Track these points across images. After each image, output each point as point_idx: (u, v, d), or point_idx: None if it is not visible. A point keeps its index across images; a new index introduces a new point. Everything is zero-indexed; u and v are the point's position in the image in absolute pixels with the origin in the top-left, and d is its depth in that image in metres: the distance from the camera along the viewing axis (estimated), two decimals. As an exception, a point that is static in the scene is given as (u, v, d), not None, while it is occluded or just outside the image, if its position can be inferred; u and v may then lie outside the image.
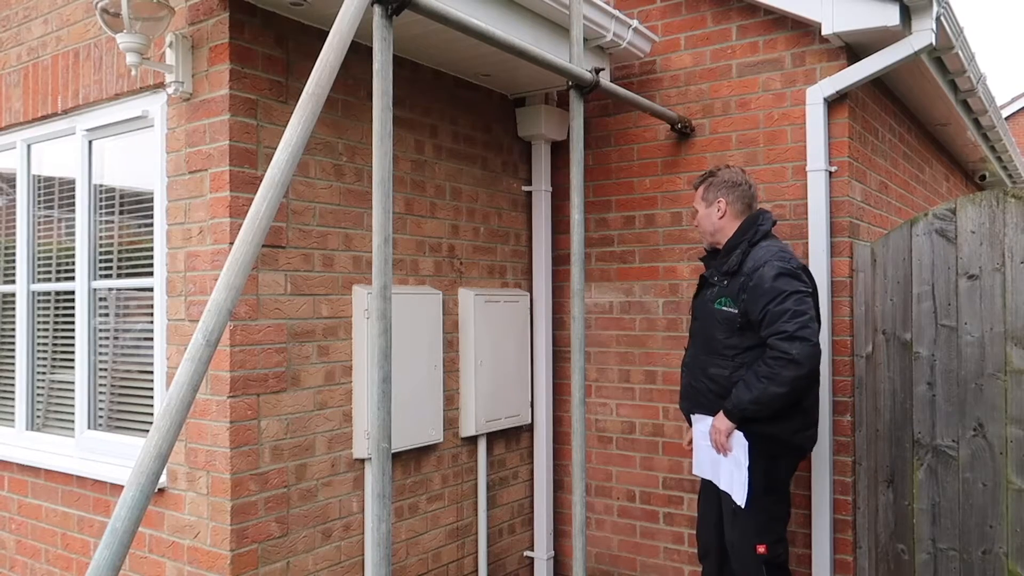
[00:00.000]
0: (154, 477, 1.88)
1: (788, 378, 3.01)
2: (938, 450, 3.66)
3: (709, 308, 3.30)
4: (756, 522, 3.22)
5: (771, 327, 3.06)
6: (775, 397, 3.05)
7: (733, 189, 3.34)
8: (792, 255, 3.25)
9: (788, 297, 3.06)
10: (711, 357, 3.29)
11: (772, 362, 3.04)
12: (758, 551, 3.21)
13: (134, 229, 3.55)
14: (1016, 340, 3.46)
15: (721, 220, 3.35)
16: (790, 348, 3.00)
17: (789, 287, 3.08)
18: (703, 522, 3.53)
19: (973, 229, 3.56)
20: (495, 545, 4.35)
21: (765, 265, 3.13)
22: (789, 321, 3.02)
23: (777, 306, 3.05)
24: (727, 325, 3.22)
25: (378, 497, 2.28)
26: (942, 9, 3.66)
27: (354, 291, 3.52)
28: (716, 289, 3.30)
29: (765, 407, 3.09)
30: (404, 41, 3.50)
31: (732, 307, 3.20)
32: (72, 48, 3.67)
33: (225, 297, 1.99)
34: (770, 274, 3.10)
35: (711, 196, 3.37)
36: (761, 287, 3.10)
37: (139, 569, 3.35)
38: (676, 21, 4.35)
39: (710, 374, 3.29)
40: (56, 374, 3.95)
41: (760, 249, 3.22)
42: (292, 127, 2.11)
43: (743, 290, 3.16)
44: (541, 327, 4.54)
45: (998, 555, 3.51)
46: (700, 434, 3.37)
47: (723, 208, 3.34)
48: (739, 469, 3.18)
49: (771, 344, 3.05)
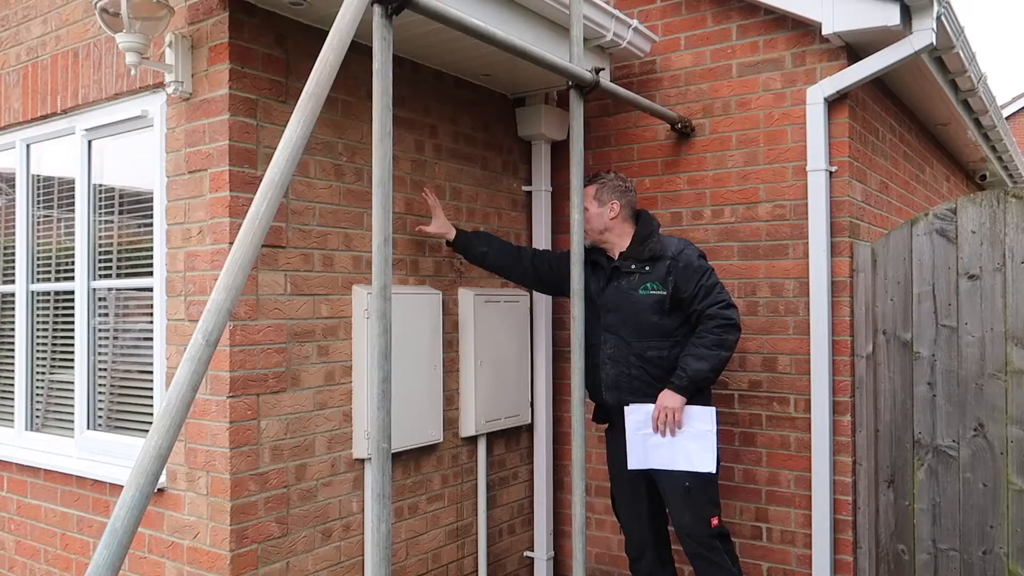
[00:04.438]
0: (154, 477, 1.88)
1: (732, 341, 3.37)
2: (939, 450, 3.66)
3: (633, 296, 3.51)
4: (709, 493, 3.46)
5: (708, 298, 3.39)
6: (724, 361, 3.38)
7: (625, 194, 3.64)
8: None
9: (712, 273, 3.47)
10: (646, 341, 3.48)
11: (718, 330, 3.34)
12: (713, 525, 3.43)
13: (134, 229, 3.55)
14: (1017, 340, 3.46)
15: (612, 220, 3.61)
16: (731, 314, 3.37)
17: (709, 265, 3.52)
18: (636, 521, 3.67)
19: (974, 229, 3.56)
20: (495, 545, 4.35)
21: (686, 247, 3.51)
22: (722, 292, 3.42)
23: (708, 280, 3.42)
24: (658, 307, 3.46)
25: (378, 497, 2.27)
26: (943, 9, 3.66)
27: (354, 291, 3.51)
28: (636, 276, 3.52)
29: (717, 373, 3.41)
30: (404, 41, 3.49)
31: (660, 290, 3.46)
32: (71, 48, 3.67)
33: (225, 297, 1.99)
34: (694, 255, 3.49)
35: (605, 198, 3.61)
36: (691, 266, 3.44)
37: (139, 569, 3.35)
38: (676, 21, 4.34)
39: (647, 357, 3.47)
40: (56, 374, 3.94)
41: (667, 238, 3.59)
42: (292, 127, 2.10)
43: (670, 272, 3.44)
44: (541, 327, 4.54)
45: (998, 555, 3.50)
46: (635, 424, 3.47)
47: (616, 210, 3.60)
48: (703, 438, 3.38)
49: (712, 314, 3.36)
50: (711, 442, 3.37)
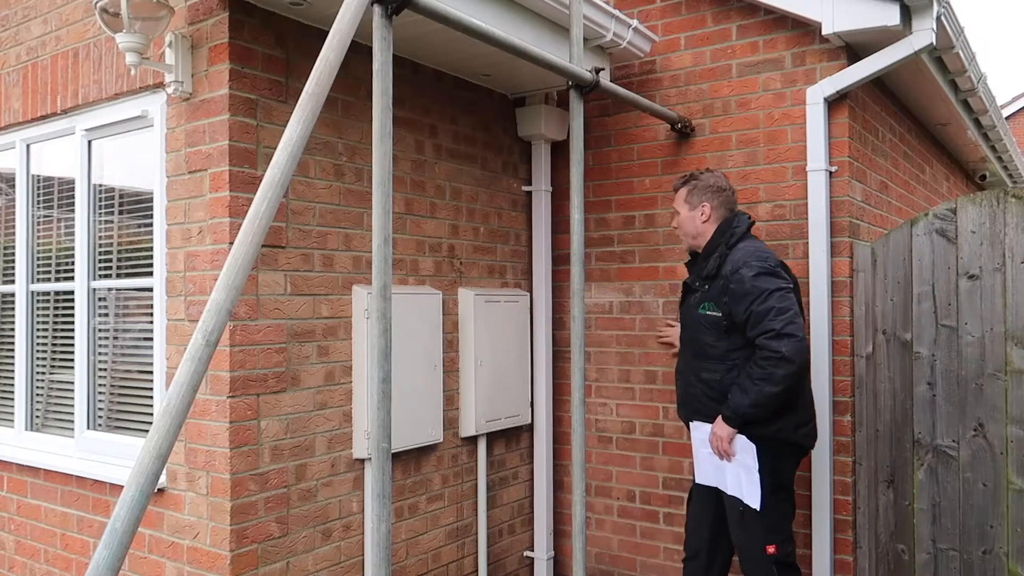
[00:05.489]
0: (154, 477, 1.88)
1: (781, 376, 3.03)
2: (938, 450, 3.66)
3: (695, 314, 3.34)
4: (765, 523, 3.22)
5: (758, 327, 3.07)
6: (771, 397, 3.07)
7: (718, 194, 3.37)
8: (769, 253, 3.27)
9: (770, 295, 3.08)
10: (702, 362, 3.32)
11: (764, 362, 3.05)
12: (768, 552, 3.22)
13: (134, 229, 3.55)
14: (1016, 340, 3.46)
15: (705, 224, 3.37)
16: (780, 346, 3.02)
17: (770, 285, 3.10)
18: (696, 522, 3.53)
19: (973, 229, 3.56)
20: (495, 545, 4.35)
21: (744, 266, 3.16)
22: (775, 319, 3.04)
23: (760, 305, 3.08)
24: (714, 329, 3.25)
25: (378, 497, 2.27)
26: (942, 9, 3.65)
27: (354, 291, 3.51)
28: (699, 294, 3.34)
29: (763, 408, 3.10)
30: (404, 41, 3.49)
31: (715, 311, 3.23)
32: (71, 48, 3.67)
33: (225, 297, 1.99)
34: (749, 275, 3.12)
35: (695, 200, 3.39)
36: (742, 288, 3.12)
37: (139, 569, 3.35)
38: (676, 21, 4.34)
39: (703, 379, 3.32)
40: (56, 374, 3.94)
41: (737, 251, 3.24)
42: (292, 127, 2.10)
43: (724, 293, 3.19)
44: (541, 327, 4.54)
45: (998, 555, 3.50)
46: (700, 441, 3.38)
47: (707, 212, 3.36)
48: (749, 473, 3.18)
49: (760, 344, 3.06)
50: (756, 479, 3.16)
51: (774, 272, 3.16)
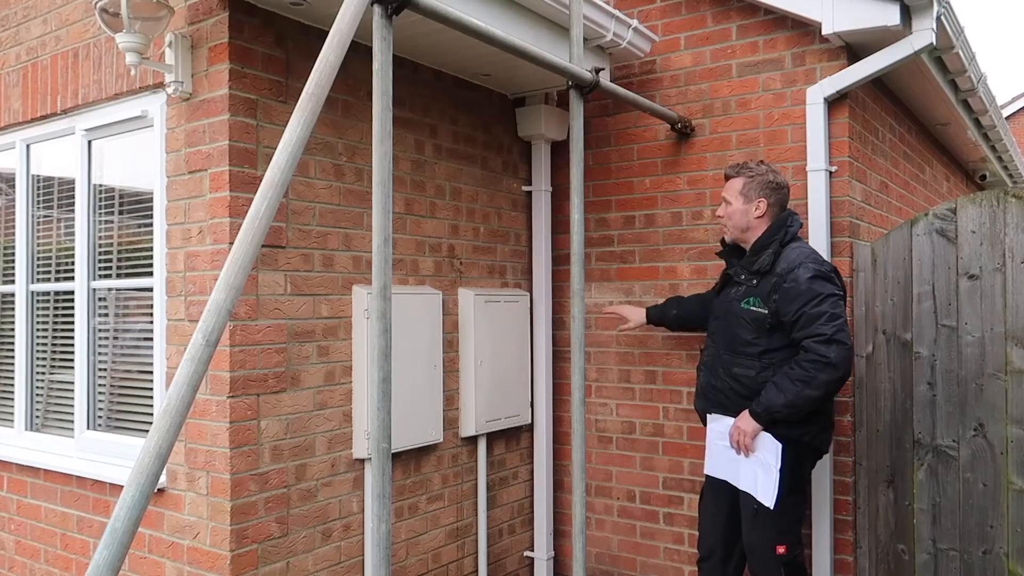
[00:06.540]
0: (154, 477, 1.87)
1: (823, 381, 3.00)
2: (938, 450, 3.66)
3: (735, 307, 3.28)
4: (778, 524, 3.21)
5: (807, 329, 3.04)
6: (809, 400, 3.04)
7: (776, 191, 3.32)
8: (823, 258, 3.25)
9: (824, 300, 3.05)
10: (736, 357, 3.27)
11: (808, 365, 3.01)
12: (778, 552, 3.21)
13: (134, 229, 3.55)
14: (1017, 340, 3.46)
15: (758, 220, 3.31)
16: (828, 351, 2.99)
17: (825, 290, 3.07)
18: (711, 522, 3.51)
19: (974, 229, 3.56)
20: (495, 545, 4.35)
21: (800, 267, 3.11)
22: (826, 324, 3.01)
23: (813, 308, 3.04)
24: (755, 325, 3.21)
25: (378, 497, 2.27)
26: (942, 9, 3.65)
27: (354, 291, 3.51)
28: (743, 288, 3.28)
29: (797, 410, 3.07)
30: (404, 41, 3.49)
31: (762, 307, 3.19)
32: (71, 48, 3.67)
33: (225, 297, 1.99)
34: (805, 276, 3.08)
35: (752, 194, 3.31)
36: (796, 288, 3.08)
37: (139, 569, 3.35)
38: (676, 21, 4.34)
39: (734, 374, 3.27)
40: (55, 374, 3.94)
41: (792, 250, 3.20)
42: (292, 127, 2.10)
43: (775, 291, 3.14)
44: (541, 327, 4.54)
45: (999, 555, 3.50)
46: (716, 434, 3.36)
47: (763, 209, 3.30)
48: (768, 471, 3.16)
49: (807, 347, 3.03)
50: (774, 478, 3.14)
51: (829, 277, 3.14)
